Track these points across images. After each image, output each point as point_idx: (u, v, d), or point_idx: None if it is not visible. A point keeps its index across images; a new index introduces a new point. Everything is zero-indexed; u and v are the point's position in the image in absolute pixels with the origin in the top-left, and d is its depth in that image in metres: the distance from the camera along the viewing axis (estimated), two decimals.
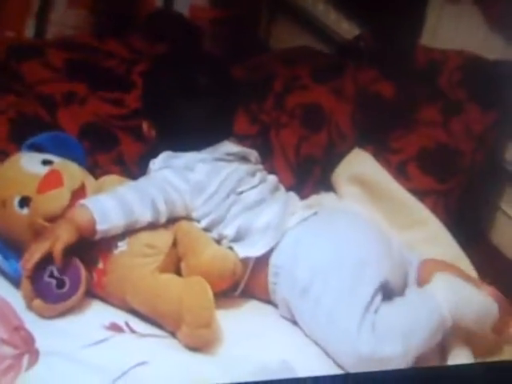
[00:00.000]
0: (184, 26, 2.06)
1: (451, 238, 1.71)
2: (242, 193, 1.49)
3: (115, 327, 1.32)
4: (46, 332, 1.27)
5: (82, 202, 1.35)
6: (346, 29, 2.25)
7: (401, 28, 2.06)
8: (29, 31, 1.93)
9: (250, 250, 1.44)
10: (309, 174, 1.82)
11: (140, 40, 1.96)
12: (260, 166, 1.59)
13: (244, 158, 1.56)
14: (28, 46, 1.85)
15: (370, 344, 1.30)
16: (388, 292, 1.39)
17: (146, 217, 1.39)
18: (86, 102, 1.71)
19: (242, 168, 1.53)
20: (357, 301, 1.34)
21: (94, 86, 1.74)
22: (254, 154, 1.60)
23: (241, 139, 1.65)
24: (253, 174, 1.54)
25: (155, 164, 1.50)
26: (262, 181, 1.54)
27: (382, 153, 1.82)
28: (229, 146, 1.55)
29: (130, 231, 1.38)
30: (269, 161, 1.73)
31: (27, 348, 1.22)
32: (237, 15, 2.22)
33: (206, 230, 1.46)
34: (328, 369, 1.33)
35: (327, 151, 1.84)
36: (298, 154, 1.81)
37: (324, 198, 1.80)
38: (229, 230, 1.45)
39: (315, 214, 1.50)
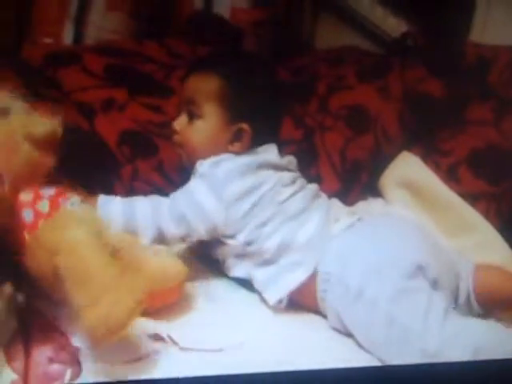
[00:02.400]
0: (225, 29, 2.02)
1: (504, 243, 1.64)
2: (283, 202, 1.44)
3: (159, 339, 1.27)
4: None
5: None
6: (393, 26, 2.20)
7: (449, 24, 2.02)
8: (67, 36, 1.89)
9: (290, 281, 1.39)
10: (355, 178, 1.78)
11: (180, 44, 1.92)
12: (298, 173, 1.54)
13: (285, 167, 1.52)
14: (66, 52, 1.82)
15: (437, 342, 1.23)
16: None
17: (146, 236, 1.39)
18: (125, 109, 1.68)
19: (283, 176, 1.48)
20: (415, 302, 1.28)
21: (133, 91, 1.71)
22: (293, 162, 1.56)
23: (285, 144, 1.62)
24: (293, 182, 1.49)
25: (202, 166, 1.46)
26: (303, 188, 1.49)
27: (431, 155, 1.77)
28: (273, 155, 1.51)
29: None
30: (314, 166, 1.70)
31: (72, 363, 1.19)
32: (279, 16, 2.17)
33: (245, 245, 1.42)
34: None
35: (374, 154, 1.80)
36: (343, 159, 1.78)
37: (371, 204, 1.76)
38: (270, 244, 1.41)
39: (360, 219, 1.46)
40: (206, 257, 1.50)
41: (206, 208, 1.41)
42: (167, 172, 1.63)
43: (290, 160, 1.55)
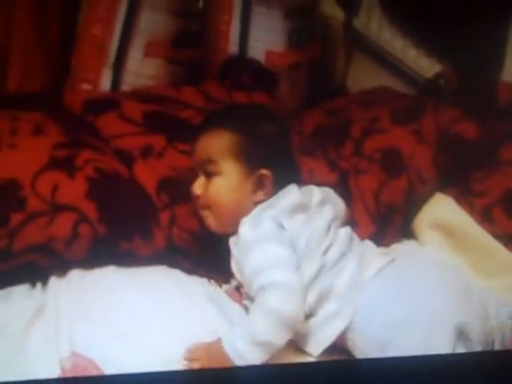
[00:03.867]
0: (261, 73, 2.05)
1: None
2: (326, 252, 1.44)
3: None
4: None
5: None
6: (426, 66, 2.22)
7: (482, 64, 2.02)
8: (105, 82, 1.93)
9: (331, 333, 1.39)
10: (389, 221, 1.78)
11: (217, 88, 1.95)
12: (334, 214, 1.53)
13: (323, 204, 1.52)
14: (105, 99, 1.86)
15: None
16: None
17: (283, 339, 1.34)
18: (164, 155, 1.70)
19: (320, 220, 1.48)
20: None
21: (171, 137, 1.73)
22: (331, 196, 1.58)
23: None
24: (328, 228, 1.49)
25: (243, 232, 1.45)
26: (338, 234, 1.49)
27: (464, 196, 1.78)
28: (312, 192, 1.53)
29: None
30: (348, 209, 1.69)
31: None
32: (314, 58, 2.19)
33: None
34: None
35: (408, 197, 1.80)
36: (377, 201, 1.78)
37: (405, 246, 1.76)
38: (311, 297, 1.40)
39: (392, 261, 1.45)
40: None
41: (289, 262, 1.39)
42: None
43: (316, 193, 1.55)
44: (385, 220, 1.77)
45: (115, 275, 1.54)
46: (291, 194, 1.51)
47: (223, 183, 1.50)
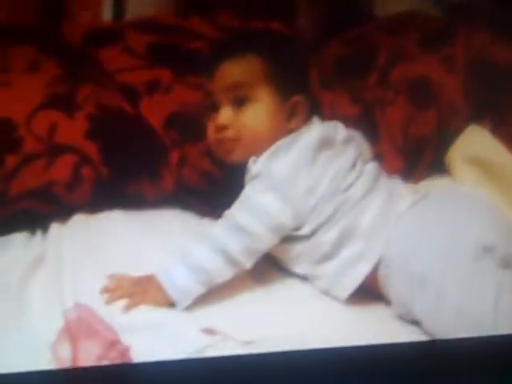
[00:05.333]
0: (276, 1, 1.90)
1: None
2: (347, 190, 1.35)
3: (212, 332, 1.20)
4: (140, 341, 1.17)
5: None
6: None
7: None
8: (106, 11, 1.80)
9: (357, 275, 1.31)
10: (419, 156, 1.68)
11: (227, 17, 1.81)
12: (359, 151, 1.44)
13: (348, 142, 1.43)
14: (106, 31, 1.73)
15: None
16: None
17: (225, 275, 1.30)
18: (171, 90, 1.58)
19: (343, 158, 1.39)
20: (484, 285, 1.18)
21: (178, 71, 1.61)
22: (357, 137, 1.48)
23: (342, 122, 1.50)
24: (354, 165, 1.40)
25: (255, 164, 1.36)
26: (363, 170, 1.40)
27: (500, 127, 1.67)
28: (328, 129, 1.42)
29: None
30: (374, 144, 1.58)
31: (123, 360, 1.14)
32: None
33: (309, 236, 1.34)
34: None
35: (438, 130, 1.70)
36: (405, 135, 1.68)
37: (437, 183, 1.66)
38: (331, 233, 1.33)
39: (425, 197, 1.36)
40: None
41: (270, 212, 1.32)
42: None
43: (354, 135, 1.47)
44: (414, 155, 1.68)
45: (122, 220, 1.46)
46: (315, 128, 1.42)
47: (261, 109, 1.40)
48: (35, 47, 1.60)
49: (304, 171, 1.34)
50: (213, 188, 1.52)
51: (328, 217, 1.33)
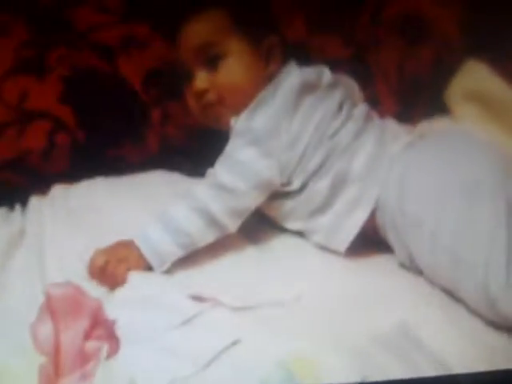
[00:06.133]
0: None
1: None
2: (334, 135, 1.29)
3: (200, 299, 1.13)
4: (126, 316, 1.09)
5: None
6: None
7: None
8: None
9: (354, 224, 1.25)
10: (416, 97, 1.63)
11: None
12: (346, 95, 1.37)
13: (333, 86, 1.36)
14: None
15: (500, 285, 1.06)
16: None
17: (208, 238, 1.24)
18: (149, 45, 1.51)
19: (328, 102, 1.32)
20: (479, 227, 1.11)
21: (156, 24, 1.53)
22: (344, 80, 1.41)
23: (335, 65, 1.43)
24: (340, 107, 1.33)
25: (237, 123, 1.29)
26: (351, 113, 1.34)
27: (501, 61, 1.57)
28: (320, 72, 1.35)
29: None
30: (368, 87, 1.53)
31: (109, 338, 1.07)
32: None
33: (301, 190, 1.28)
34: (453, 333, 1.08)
35: (435, 68, 1.64)
36: (401, 75, 1.63)
37: (436, 124, 1.57)
38: (323, 183, 1.26)
39: (422, 137, 1.31)
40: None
41: (253, 168, 1.25)
42: None
43: (340, 78, 1.39)
44: (411, 96, 1.63)
45: (104, 187, 1.40)
46: (294, 73, 1.34)
47: (236, 63, 1.33)
48: (2, 10, 1.52)
49: (286, 120, 1.28)
50: (199, 145, 1.47)
51: (317, 166, 1.27)
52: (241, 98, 1.31)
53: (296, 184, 1.28)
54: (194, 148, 1.47)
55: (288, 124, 1.28)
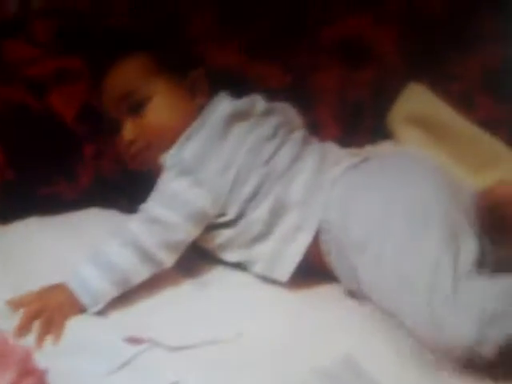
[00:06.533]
0: None
1: None
2: (269, 160, 1.27)
3: (137, 341, 1.10)
4: (61, 363, 1.05)
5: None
6: None
7: None
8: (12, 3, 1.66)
9: (296, 251, 1.23)
10: (358, 120, 1.63)
11: None
12: (282, 121, 1.35)
13: (268, 113, 1.35)
14: (8, 21, 1.59)
15: (445, 308, 1.04)
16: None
17: (142, 275, 1.21)
18: (82, 79, 1.48)
19: (261, 127, 1.31)
20: (424, 251, 1.09)
21: (88, 57, 1.48)
22: (280, 107, 1.39)
23: (275, 92, 1.44)
24: (275, 132, 1.32)
25: (167, 159, 1.28)
26: (287, 138, 1.32)
27: (439, 83, 1.60)
28: (253, 101, 1.35)
29: None
30: (309, 112, 1.50)
31: None
32: None
33: (237, 219, 1.25)
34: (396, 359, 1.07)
35: (376, 90, 1.64)
36: (342, 100, 1.62)
37: (379, 148, 1.60)
38: (261, 210, 1.24)
39: (365, 160, 1.29)
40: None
41: (185, 199, 1.24)
42: None
43: (258, 101, 1.37)
44: (353, 120, 1.63)
45: (38, 226, 1.35)
46: (223, 104, 1.34)
47: (160, 104, 1.32)
48: None
49: (215, 148, 1.27)
50: (135, 181, 1.42)
51: (252, 192, 1.25)
52: (170, 137, 1.29)
53: (231, 213, 1.25)
54: (130, 184, 1.44)
55: (217, 152, 1.26)
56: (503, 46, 1.59)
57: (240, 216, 1.25)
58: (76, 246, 1.28)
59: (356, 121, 1.62)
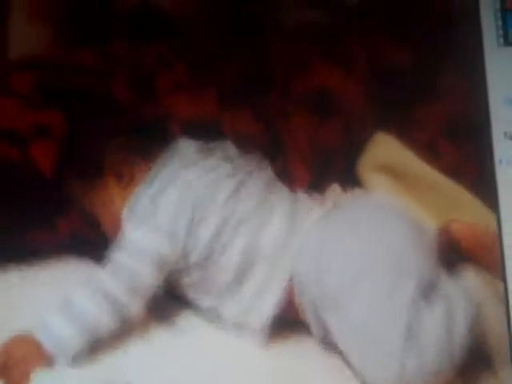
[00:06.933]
0: (168, 20, 1.83)
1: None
2: (226, 202, 1.29)
3: None
4: None
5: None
6: None
7: None
8: None
9: (268, 304, 1.25)
10: (328, 167, 1.64)
11: (118, 45, 1.74)
12: (240, 161, 1.39)
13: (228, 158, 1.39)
14: None
15: (414, 358, 1.10)
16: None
17: (110, 324, 1.21)
18: (62, 132, 1.50)
19: (221, 170, 1.34)
20: (395, 305, 1.15)
21: (69, 109, 1.53)
22: (225, 148, 1.43)
23: (246, 140, 1.49)
24: (233, 174, 1.34)
25: (124, 212, 1.31)
26: (247, 180, 1.34)
27: (407, 132, 1.64)
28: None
29: None
30: (279, 158, 1.55)
31: None
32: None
33: (199, 265, 1.27)
34: None
35: (345, 139, 1.66)
36: (312, 146, 1.63)
37: (348, 195, 1.57)
38: (229, 258, 1.26)
39: (335, 209, 1.32)
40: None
41: (144, 245, 1.26)
42: None
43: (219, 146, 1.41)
44: (322, 166, 1.64)
45: (15, 276, 1.37)
46: (176, 149, 1.37)
47: None
48: None
49: (169, 191, 1.28)
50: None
51: (213, 235, 1.25)
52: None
53: (194, 256, 1.26)
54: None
55: (172, 193, 1.28)
56: (464, 97, 1.63)
57: (206, 259, 1.26)
58: (53, 297, 1.26)
59: (325, 167, 1.63)
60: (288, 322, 1.26)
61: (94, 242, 1.43)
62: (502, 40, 1.31)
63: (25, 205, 1.41)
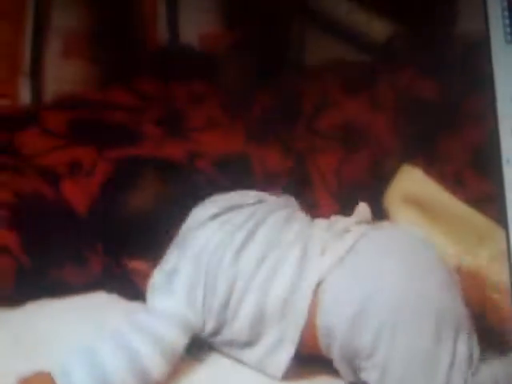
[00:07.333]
0: (197, 58, 1.88)
1: None
2: (236, 260, 1.23)
3: None
4: None
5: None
6: (379, 30, 2.03)
7: (434, 16, 1.90)
8: (24, 94, 1.76)
9: (287, 350, 1.19)
10: (355, 200, 1.57)
11: (149, 83, 1.78)
12: (256, 206, 1.33)
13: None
14: (21, 113, 1.69)
15: None
16: None
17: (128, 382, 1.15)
18: (96, 168, 1.53)
19: (229, 221, 1.29)
20: (436, 358, 1.11)
21: (102, 147, 1.56)
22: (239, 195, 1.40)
23: (276, 176, 1.52)
24: (246, 220, 1.28)
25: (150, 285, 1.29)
26: (261, 223, 1.28)
27: (433, 164, 1.63)
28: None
29: None
30: (308, 192, 1.58)
31: None
32: (258, 35, 2.01)
33: (216, 332, 1.24)
34: None
35: (372, 172, 1.68)
36: (339, 180, 1.65)
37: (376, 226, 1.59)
38: (241, 323, 1.21)
39: (353, 247, 1.23)
40: None
41: (167, 310, 1.23)
42: None
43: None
44: (349, 199, 1.59)
45: (47, 310, 1.37)
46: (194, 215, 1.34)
47: None
48: None
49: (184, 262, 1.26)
50: None
51: (223, 303, 1.21)
52: None
53: (209, 327, 1.23)
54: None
55: (183, 270, 1.25)
56: (488, 124, 1.63)
57: (220, 328, 1.22)
58: (83, 331, 1.28)
59: (352, 199, 1.56)
60: (312, 359, 1.23)
61: (123, 277, 1.44)
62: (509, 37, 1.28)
63: (57, 240, 1.44)
